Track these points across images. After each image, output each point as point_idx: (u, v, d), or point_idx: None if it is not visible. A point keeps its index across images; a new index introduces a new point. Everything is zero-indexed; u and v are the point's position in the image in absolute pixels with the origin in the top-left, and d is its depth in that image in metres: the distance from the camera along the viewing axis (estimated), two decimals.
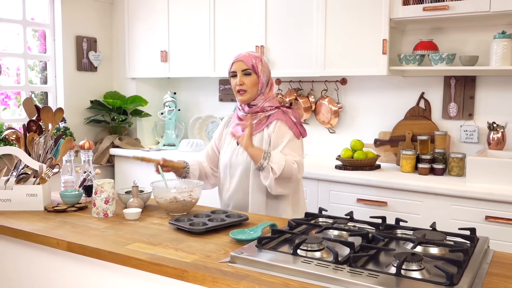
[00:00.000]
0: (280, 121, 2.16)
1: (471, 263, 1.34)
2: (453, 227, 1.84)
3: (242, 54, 2.21)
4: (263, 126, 2.18)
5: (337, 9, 3.16)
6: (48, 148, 2.21)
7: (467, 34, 3.06)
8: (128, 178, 3.87)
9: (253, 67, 2.16)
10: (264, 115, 2.19)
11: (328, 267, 1.29)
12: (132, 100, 4.11)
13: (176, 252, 1.51)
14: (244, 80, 2.16)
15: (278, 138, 2.14)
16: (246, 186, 2.18)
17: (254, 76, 2.17)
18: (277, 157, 2.03)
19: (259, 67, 2.18)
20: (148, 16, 4.04)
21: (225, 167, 2.26)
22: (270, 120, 2.18)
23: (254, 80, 2.16)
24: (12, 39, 3.79)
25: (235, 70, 2.18)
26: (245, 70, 2.16)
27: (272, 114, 2.18)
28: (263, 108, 2.19)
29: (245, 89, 2.16)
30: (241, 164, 2.18)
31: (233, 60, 2.20)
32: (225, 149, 2.29)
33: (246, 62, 2.17)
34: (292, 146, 2.13)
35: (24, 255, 1.81)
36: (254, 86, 2.17)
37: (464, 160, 2.82)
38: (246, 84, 2.16)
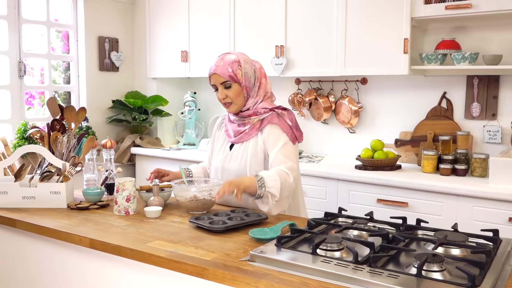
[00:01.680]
0: (274, 125, 2.03)
1: (493, 265, 1.32)
2: (475, 229, 1.81)
3: (216, 64, 2.03)
4: (257, 131, 2.06)
5: (357, 8, 3.14)
6: (71, 147, 2.24)
7: (491, 33, 3.01)
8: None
9: (231, 77, 2.01)
10: (257, 118, 2.06)
11: (348, 267, 1.29)
12: (153, 100, 4.15)
13: (196, 250, 1.52)
14: (227, 93, 2.03)
15: (272, 142, 2.01)
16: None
17: (236, 85, 2.02)
18: (271, 179, 1.87)
19: (238, 74, 2.02)
20: (168, 16, 4.08)
21: (216, 172, 2.17)
22: (264, 124, 2.05)
23: (236, 90, 2.02)
24: (37, 40, 3.87)
25: (214, 83, 2.05)
26: (223, 82, 2.02)
27: (266, 117, 2.05)
28: (256, 111, 2.06)
29: (229, 101, 2.05)
30: (234, 171, 2.08)
31: (209, 73, 2.06)
32: (216, 153, 2.21)
33: (222, 74, 2.01)
34: (286, 151, 2.00)
35: (47, 251, 1.85)
36: (238, 96, 2.04)
37: (487, 160, 2.77)
38: (229, 96, 2.03)
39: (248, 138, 2.07)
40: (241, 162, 2.07)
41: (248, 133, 2.07)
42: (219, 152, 2.20)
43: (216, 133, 2.29)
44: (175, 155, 3.79)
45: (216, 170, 2.19)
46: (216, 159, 2.20)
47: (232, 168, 2.10)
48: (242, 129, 2.09)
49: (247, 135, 2.08)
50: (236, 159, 2.10)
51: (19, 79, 3.63)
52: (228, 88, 2.03)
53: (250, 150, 2.06)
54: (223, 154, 2.17)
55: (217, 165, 2.18)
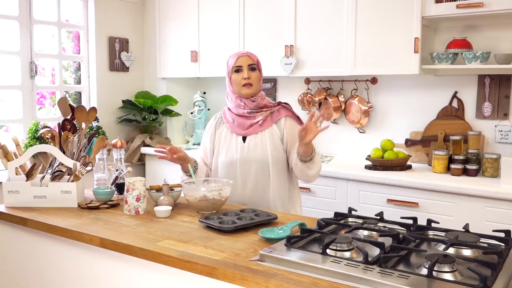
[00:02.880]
0: (289, 118, 2.24)
1: (505, 266, 1.31)
2: (487, 229, 1.79)
3: (245, 50, 2.29)
4: (272, 122, 2.22)
5: (367, 7, 3.13)
6: (82, 147, 2.26)
7: (502, 32, 2.98)
8: (159, 177, 3.93)
9: (258, 63, 2.24)
10: (269, 111, 2.23)
11: (358, 267, 1.28)
12: (162, 100, 4.16)
13: (206, 250, 1.52)
14: (251, 74, 2.20)
15: (292, 136, 2.19)
16: (265, 181, 2.19)
17: (257, 72, 2.23)
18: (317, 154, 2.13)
19: (260, 65, 2.26)
20: (178, 16, 4.09)
21: (232, 165, 2.23)
22: (277, 116, 2.23)
23: (258, 75, 2.22)
24: (48, 40, 3.90)
25: (241, 64, 2.20)
26: (251, 64, 2.21)
27: (277, 110, 2.24)
28: (265, 105, 2.24)
29: (251, 83, 2.19)
30: (256, 160, 2.19)
31: (238, 55, 2.23)
32: (226, 148, 2.26)
33: (252, 57, 2.23)
34: None
35: (58, 250, 1.86)
36: (258, 81, 2.22)
37: (499, 160, 2.75)
38: (252, 78, 2.20)
39: (262, 129, 2.21)
40: (262, 152, 2.19)
41: (262, 125, 2.21)
42: (230, 146, 2.25)
43: (216, 132, 2.33)
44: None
45: (231, 164, 2.23)
46: (227, 154, 2.25)
47: (253, 158, 2.19)
48: (254, 121, 2.22)
49: (262, 126, 2.21)
50: (256, 149, 2.20)
51: (30, 80, 3.66)
52: (253, 70, 2.21)
53: (268, 140, 2.20)
54: (236, 147, 2.23)
55: (232, 159, 2.23)
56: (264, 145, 2.19)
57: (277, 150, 2.20)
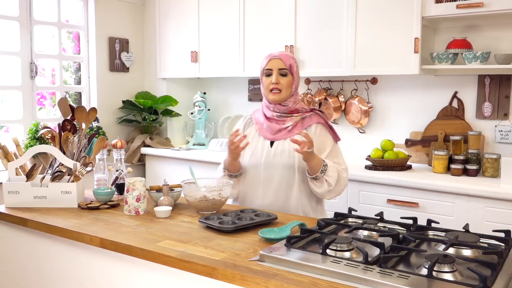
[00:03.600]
0: (320, 125, 2.13)
1: (505, 266, 1.31)
2: (487, 229, 1.80)
3: (278, 52, 2.13)
4: (301, 128, 2.10)
5: (367, 8, 3.13)
6: (82, 147, 2.26)
7: (502, 32, 2.98)
8: (159, 177, 3.93)
9: (290, 67, 2.10)
10: (300, 116, 2.13)
11: (358, 267, 1.28)
12: (162, 100, 4.16)
13: (206, 250, 1.52)
14: (280, 80, 2.08)
15: (321, 144, 2.09)
16: (288, 189, 2.10)
17: (290, 77, 2.10)
18: (332, 170, 2.01)
19: (294, 68, 2.12)
20: (178, 17, 4.09)
21: (257, 168, 2.14)
22: (308, 123, 2.12)
23: (289, 81, 2.10)
24: (48, 41, 3.90)
25: (271, 67, 2.10)
26: (282, 69, 2.09)
27: (309, 116, 2.13)
28: (297, 109, 2.14)
29: (280, 89, 2.08)
30: (282, 166, 2.09)
31: (270, 57, 2.12)
32: (252, 151, 2.17)
33: (285, 61, 2.10)
34: (335, 151, 2.13)
35: (58, 250, 1.86)
36: (288, 87, 2.10)
37: (499, 161, 2.75)
38: (281, 83, 2.08)
39: (291, 135, 2.08)
40: (289, 158, 2.08)
41: (291, 131, 2.11)
42: (256, 149, 2.16)
43: (245, 132, 2.24)
44: (185, 155, 3.80)
45: (255, 167, 2.15)
46: (252, 156, 2.16)
47: (278, 164, 2.10)
48: (284, 126, 2.12)
49: (291, 132, 2.10)
50: (283, 154, 2.10)
51: (30, 80, 3.66)
52: (283, 76, 2.10)
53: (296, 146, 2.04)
54: (262, 151, 2.14)
55: (256, 162, 2.14)
56: (292, 151, 2.07)
57: None
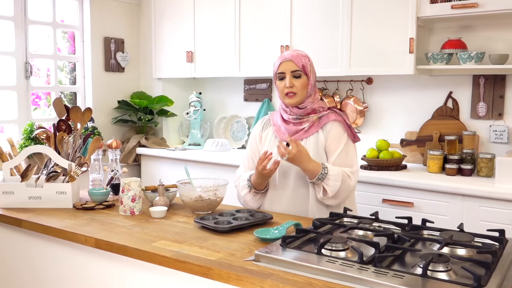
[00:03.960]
0: (337, 122, 2.04)
1: (499, 265, 1.31)
2: (481, 229, 1.80)
3: (289, 53, 2.04)
4: (317, 128, 2.04)
5: (362, 8, 3.13)
6: (77, 147, 2.25)
7: (497, 32, 2.99)
8: (154, 177, 3.92)
9: (303, 67, 2.02)
10: (316, 116, 2.05)
11: (353, 267, 1.29)
12: (158, 100, 4.16)
13: (201, 250, 1.52)
14: (294, 82, 2.00)
15: (334, 141, 2.02)
16: (305, 191, 2.04)
17: (304, 77, 2.02)
18: (333, 179, 1.92)
19: (308, 68, 2.03)
20: (174, 17, 4.08)
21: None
22: (325, 121, 2.04)
23: (304, 82, 2.02)
24: (43, 41, 3.89)
25: (284, 71, 2.02)
26: (295, 71, 2.01)
27: (325, 115, 2.05)
28: (315, 109, 2.06)
29: (294, 92, 2.00)
30: (296, 169, 2.01)
31: (281, 60, 2.04)
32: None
33: (297, 62, 2.01)
34: (348, 151, 2.02)
35: (53, 251, 1.85)
36: (304, 89, 2.02)
37: (493, 160, 2.76)
38: (296, 86, 2.00)
39: (307, 135, 2.04)
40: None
41: (307, 131, 2.04)
42: (272, 151, 2.05)
43: (262, 134, 2.19)
44: (180, 156, 3.80)
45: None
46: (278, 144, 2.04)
47: (293, 166, 2.01)
48: (300, 127, 2.05)
49: (306, 133, 2.04)
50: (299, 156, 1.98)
51: (25, 80, 3.65)
52: (297, 78, 2.02)
53: (311, 147, 2.02)
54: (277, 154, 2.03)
55: None
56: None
57: (320, 159, 2.00)
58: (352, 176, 1.99)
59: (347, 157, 2.03)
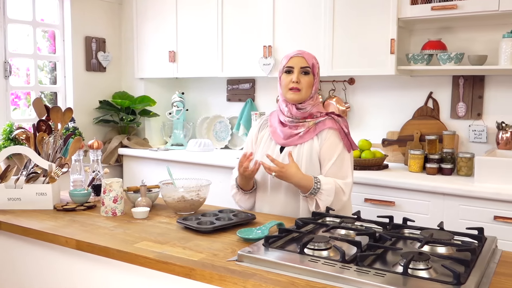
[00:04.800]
0: (332, 130, 1.99)
1: (478, 263, 1.33)
2: (461, 227, 1.83)
3: (300, 50, 2.04)
4: (313, 134, 2.00)
5: (344, 9, 3.15)
6: (58, 148, 2.23)
7: (476, 34, 3.04)
8: (137, 178, 3.89)
9: (313, 66, 2.01)
10: (313, 122, 2.01)
11: (335, 266, 1.30)
12: (140, 100, 4.13)
13: (184, 251, 1.52)
14: (301, 78, 1.98)
15: (328, 150, 1.98)
16: (296, 196, 2.01)
17: (311, 76, 2.01)
18: (326, 194, 1.90)
19: (316, 69, 2.03)
20: (156, 16, 4.06)
21: (263, 175, 2.05)
22: (321, 128, 2.00)
23: (310, 80, 2.00)
24: (22, 40, 3.83)
25: (293, 65, 1.99)
26: (304, 67, 1.99)
27: (322, 121, 2.01)
28: (312, 114, 2.03)
29: (299, 88, 1.98)
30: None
31: (292, 55, 2.02)
32: (262, 155, 2.06)
33: (307, 59, 2.00)
34: (342, 161, 1.98)
35: (34, 253, 1.83)
36: (309, 87, 2.00)
37: (473, 160, 2.80)
38: (302, 82, 1.98)
39: (302, 141, 2.01)
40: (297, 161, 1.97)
41: (302, 137, 2.01)
42: (267, 152, 2.04)
43: (259, 135, 2.17)
44: (163, 156, 3.78)
45: (264, 172, 2.03)
46: (262, 161, 2.01)
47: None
48: (295, 131, 2.02)
49: (301, 138, 2.01)
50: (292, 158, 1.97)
51: (4, 80, 3.59)
52: (305, 74, 2.00)
53: (305, 154, 2.00)
54: (272, 155, 1.99)
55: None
56: (300, 159, 1.98)
57: (313, 167, 1.99)
58: (346, 188, 1.96)
59: (341, 168, 1.99)
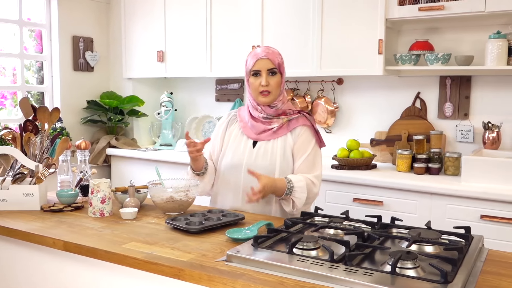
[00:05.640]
0: (306, 127, 2.05)
1: (465, 261, 1.35)
2: (448, 226, 1.85)
3: (264, 50, 2.02)
4: (287, 130, 2.04)
5: (333, 9, 3.16)
6: (45, 148, 2.21)
7: (463, 34, 3.07)
8: (125, 178, 3.87)
9: (279, 65, 2.02)
10: (286, 118, 2.05)
11: (324, 266, 1.30)
12: (128, 100, 4.10)
13: (172, 251, 1.51)
14: (270, 81, 2.00)
15: (302, 145, 2.03)
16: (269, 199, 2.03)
17: (279, 76, 2.02)
18: (300, 191, 1.93)
19: (282, 66, 2.05)
20: (144, 16, 4.04)
21: (236, 169, 2.06)
22: (294, 125, 2.05)
23: (278, 80, 2.02)
24: (9, 39, 3.79)
25: (260, 68, 2.00)
26: (271, 69, 2.00)
27: (295, 118, 2.06)
28: (285, 111, 2.06)
29: (269, 90, 2.00)
30: (262, 169, 1.99)
31: (257, 58, 2.01)
32: (233, 150, 2.09)
33: (273, 60, 2.00)
34: (314, 157, 2.04)
35: (21, 254, 1.81)
36: (278, 87, 2.02)
37: (460, 159, 2.83)
38: (271, 85, 2.00)
39: (276, 136, 2.05)
40: (271, 161, 2.02)
41: (276, 132, 2.05)
42: (238, 149, 2.09)
43: (226, 132, 2.17)
44: (151, 156, 3.76)
45: (236, 168, 2.07)
46: (234, 156, 2.09)
47: (259, 166, 2.01)
48: (269, 127, 2.05)
49: (275, 134, 2.05)
50: (265, 157, 2.03)
51: None
52: (272, 76, 2.01)
53: (279, 150, 2.03)
54: (244, 151, 2.07)
55: (239, 162, 2.06)
56: (274, 154, 2.02)
57: (286, 161, 2.03)
58: (316, 181, 2.02)
59: (313, 162, 2.04)
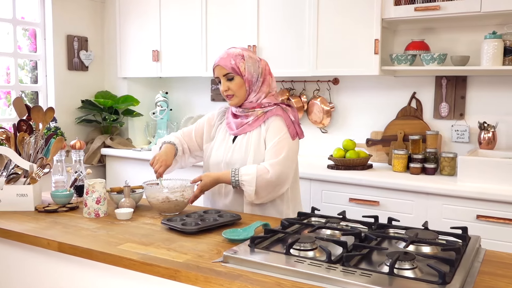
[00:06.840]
0: (278, 117, 2.05)
1: (463, 262, 1.34)
2: (445, 226, 1.85)
3: (220, 56, 2.07)
4: (261, 122, 2.06)
5: (329, 9, 3.16)
6: (39, 148, 2.19)
7: (458, 34, 3.07)
8: (120, 178, 3.85)
9: (233, 69, 2.03)
10: (261, 111, 2.07)
11: (321, 267, 1.29)
12: (123, 100, 4.09)
13: (168, 252, 1.50)
14: (229, 85, 2.04)
15: (271, 134, 2.03)
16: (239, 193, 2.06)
17: (238, 78, 2.03)
18: (245, 171, 1.95)
19: (241, 67, 2.03)
20: (139, 15, 4.02)
21: (218, 166, 2.11)
22: (268, 115, 2.06)
23: (238, 82, 2.04)
24: (2, 38, 3.76)
25: (217, 75, 2.07)
26: (226, 74, 2.04)
27: (270, 110, 2.07)
28: (261, 104, 2.08)
29: (232, 94, 2.06)
30: (237, 163, 2.05)
31: (214, 65, 2.08)
32: (217, 147, 2.15)
33: (225, 65, 2.03)
34: (282, 145, 1.99)
35: (15, 255, 1.79)
36: (240, 88, 2.05)
37: (455, 159, 2.83)
38: (231, 88, 2.04)
39: (251, 129, 2.07)
40: (245, 154, 2.05)
41: (251, 125, 2.07)
42: (220, 146, 2.14)
43: (217, 123, 2.22)
44: (146, 156, 3.74)
45: (218, 164, 2.11)
46: (217, 153, 2.14)
47: (235, 161, 2.06)
48: (245, 121, 2.09)
49: (250, 126, 2.07)
50: (240, 150, 2.06)
51: None
52: (230, 80, 2.04)
53: (253, 141, 2.05)
54: (225, 148, 2.12)
55: (219, 159, 2.11)
56: (249, 146, 2.05)
57: (260, 153, 2.03)
58: (270, 168, 1.94)
59: (278, 150, 1.99)
